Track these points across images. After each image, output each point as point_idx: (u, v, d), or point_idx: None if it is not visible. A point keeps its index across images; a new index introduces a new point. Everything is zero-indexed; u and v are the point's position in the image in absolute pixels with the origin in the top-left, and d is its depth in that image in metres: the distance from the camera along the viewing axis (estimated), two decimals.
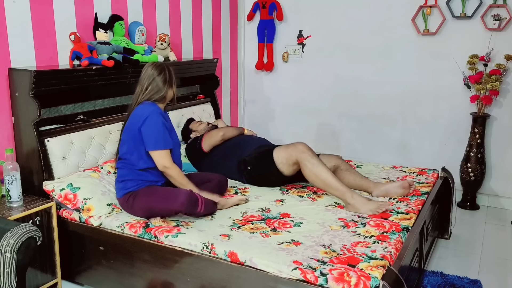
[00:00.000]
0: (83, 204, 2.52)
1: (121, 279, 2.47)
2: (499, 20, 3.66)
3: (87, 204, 2.52)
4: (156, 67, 2.63)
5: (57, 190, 2.54)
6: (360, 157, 4.23)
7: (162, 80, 2.61)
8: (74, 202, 2.52)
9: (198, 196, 2.44)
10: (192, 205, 2.40)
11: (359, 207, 2.52)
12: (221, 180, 2.82)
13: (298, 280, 1.92)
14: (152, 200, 2.46)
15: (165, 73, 2.63)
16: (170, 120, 2.75)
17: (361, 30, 4.25)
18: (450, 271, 2.81)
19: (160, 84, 2.60)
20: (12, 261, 1.83)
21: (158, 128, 2.53)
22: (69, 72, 2.69)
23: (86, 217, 2.51)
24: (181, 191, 2.44)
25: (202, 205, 2.43)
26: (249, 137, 3.32)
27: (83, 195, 2.53)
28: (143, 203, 2.47)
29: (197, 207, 2.41)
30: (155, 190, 2.52)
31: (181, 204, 2.38)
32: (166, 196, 2.45)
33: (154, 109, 2.56)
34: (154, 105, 2.59)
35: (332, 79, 4.47)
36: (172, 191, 2.48)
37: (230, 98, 4.79)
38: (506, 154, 3.89)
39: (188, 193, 2.41)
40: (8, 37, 2.56)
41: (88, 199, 2.53)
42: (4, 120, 2.59)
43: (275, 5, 4.51)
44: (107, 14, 3.13)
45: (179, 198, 2.39)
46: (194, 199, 2.41)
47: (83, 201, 2.52)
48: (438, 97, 4.04)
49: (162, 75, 2.61)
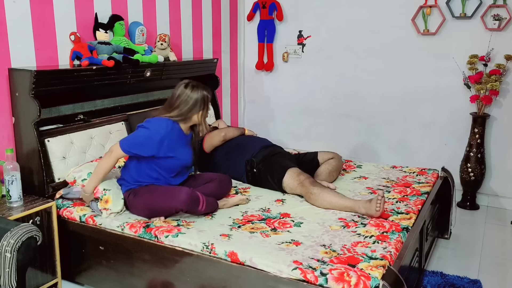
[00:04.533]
0: (102, 194, 2.50)
1: (121, 279, 2.47)
2: (499, 20, 3.66)
3: (106, 195, 2.49)
4: (191, 87, 2.55)
5: (79, 181, 2.56)
6: (360, 157, 4.23)
7: (193, 99, 2.52)
8: (95, 191, 2.51)
9: (199, 195, 2.43)
10: (193, 204, 2.39)
11: (371, 213, 2.49)
12: (223, 180, 2.78)
13: (298, 280, 1.93)
14: (152, 197, 2.45)
15: (199, 92, 2.53)
16: (180, 139, 2.58)
17: (361, 30, 4.25)
18: (450, 271, 2.82)
19: (190, 102, 2.51)
20: (12, 261, 1.84)
21: (139, 136, 2.46)
22: (69, 72, 2.69)
23: (102, 208, 2.48)
24: (183, 189, 2.43)
25: (204, 203, 2.43)
26: (251, 138, 3.33)
27: (103, 186, 2.52)
28: (143, 201, 2.47)
29: (198, 206, 2.41)
30: (155, 188, 2.51)
31: (183, 202, 2.37)
32: (166, 194, 2.44)
33: (157, 126, 2.46)
34: (162, 121, 2.49)
35: (332, 79, 4.47)
36: (172, 189, 2.47)
37: (230, 98, 4.79)
38: (506, 154, 3.89)
39: (190, 192, 2.40)
40: (8, 37, 2.56)
41: (108, 190, 2.51)
42: (4, 120, 2.59)
43: (275, 5, 4.51)
44: (107, 14, 3.13)
45: (181, 196, 2.38)
46: (196, 198, 2.40)
47: (103, 191, 2.50)
48: (438, 97, 4.04)
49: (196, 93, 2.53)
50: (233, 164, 3.11)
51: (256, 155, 3.07)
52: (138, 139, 2.47)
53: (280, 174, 2.86)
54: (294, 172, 2.83)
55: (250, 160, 3.04)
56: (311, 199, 2.67)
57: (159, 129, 2.46)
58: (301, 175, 2.80)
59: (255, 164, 3.00)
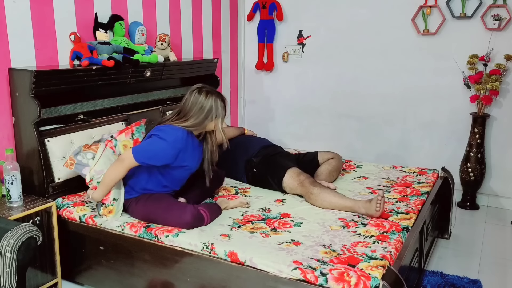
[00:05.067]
0: (109, 203, 2.44)
1: (121, 279, 2.47)
2: (499, 20, 3.66)
3: (112, 206, 2.45)
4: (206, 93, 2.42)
5: (95, 182, 2.46)
6: (360, 157, 4.23)
7: (208, 107, 2.39)
8: (105, 197, 2.43)
9: (203, 212, 2.36)
10: (198, 222, 2.34)
11: (371, 213, 2.49)
12: (216, 171, 2.70)
13: (298, 280, 1.93)
14: (156, 211, 2.39)
15: (214, 99, 2.41)
16: (193, 147, 2.49)
17: (361, 30, 4.25)
18: (450, 271, 2.82)
19: (205, 110, 2.39)
20: (12, 261, 1.84)
21: (155, 147, 2.35)
22: (69, 72, 2.69)
23: (103, 214, 2.46)
24: (188, 208, 2.35)
25: (208, 219, 2.38)
26: (251, 138, 3.33)
27: (113, 195, 2.44)
28: (146, 211, 2.41)
29: (203, 222, 2.36)
30: (158, 199, 2.44)
31: (188, 224, 2.30)
32: (171, 211, 2.36)
33: (174, 138, 2.33)
34: (179, 132, 2.36)
35: (332, 79, 4.47)
36: (177, 205, 2.40)
37: (230, 98, 4.79)
38: (506, 154, 3.89)
39: (194, 212, 2.33)
40: (8, 37, 2.56)
41: (115, 201, 2.46)
42: (4, 120, 2.59)
43: (275, 5, 4.51)
44: (107, 14, 3.13)
45: (186, 217, 2.30)
46: (200, 217, 2.34)
47: (112, 200, 2.44)
48: (438, 97, 4.04)
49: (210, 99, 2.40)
50: (233, 164, 3.12)
51: (256, 155, 3.07)
52: (154, 151, 2.35)
53: (280, 174, 2.86)
54: (294, 172, 2.83)
55: (250, 160, 3.04)
56: (311, 199, 2.67)
57: (176, 143, 2.35)
58: (301, 175, 2.80)
59: (255, 164, 3.01)
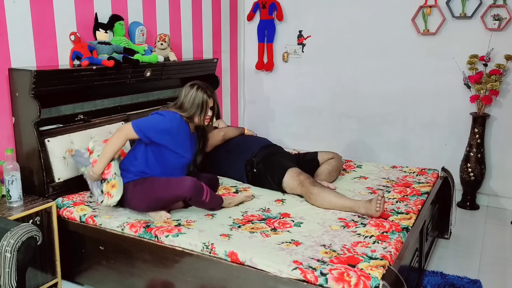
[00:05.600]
0: (112, 177, 2.49)
1: (121, 279, 2.47)
2: (499, 20, 3.66)
3: (115, 180, 2.49)
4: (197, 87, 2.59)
5: (95, 154, 2.53)
6: (360, 157, 4.23)
7: (197, 101, 2.56)
8: (106, 171, 2.50)
9: (203, 184, 2.46)
10: (198, 192, 2.41)
11: (371, 213, 2.49)
12: (211, 179, 2.81)
13: (298, 280, 1.93)
14: (154, 188, 2.45)
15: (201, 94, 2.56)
16: (187, 136, 2.61)
17: (361, 30, 4.25)
18: (450, 271, 2.82)
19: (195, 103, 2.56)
20: (12, 261, 1.84)
21: (153, 119, 2.53)
22: (69, 72, 2.69)
23: (106, 191, 2.48)
24: (187, 177, 2.45)
25: (208, 193, 2.45)
26: (251, 137, 3.33)
27: (114, 170, 2.51)
28: (145, 191, 2.45)
29: (202, 195, 2.43)
30: (157, 179, 2.51)
31: (188, 189, 2.38)
32: (170, 183, 2.45)
33: (172, 116, 2.52)
34: (176, 114, 2.55)
35: (332, 79, 4.47)
36: (176, 179, 2.48)
37: (230, 98, 4.79)
38: (506, 154, 3.89)
39: (194, 180, 2.43)
40: (8, 37, 2.56)
41: (117, 176, 2.51)
42: (4, 120, 2.59)
43: (275, 5, 4.51)
44: (107, 14, 3.13)
45: (186, 183, 2.40)
46: (200, 186, 2.43)
47: (114, 174, 2.49)
48: (438, 97, 4.04)
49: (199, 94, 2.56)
50: (233, 164, 3.12)
51: (256, 155, 3.07)
52: (152, 122, 2.51)
53: (280, 174, 2.86)
54: (294, 172, 2.83)
55: (250, 160, 3.04)
56: (311, 199, 2.67)
57: (173, 120, 2.52)
58: (301, 175, 2.80)
59: (255, 164, 3.01)
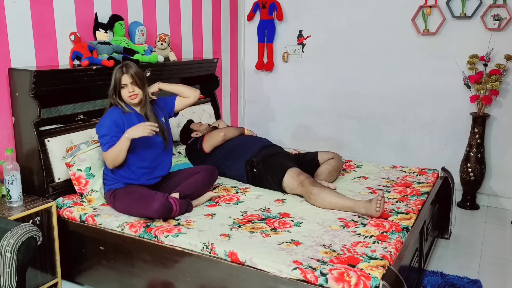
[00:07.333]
0: (87, 193, 2.64)
1: (121, 279, 2.47)
2: (499, 20, 3.66)
3: (91, 195, 2.65)
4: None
5: (75, 168, 2.63)
6: (360, 157, 4.23)
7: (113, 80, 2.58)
8: (83, 187, 2.65)
9: (172, 202, 2.46)
10: (166, 211, 2.43)
11: (371, 213, 2.49)
12: (208, 169, 2.81)
13: (298, 280, 1.93)
14: (129, 203, 2.51)
15: (115, 72, 2.57)
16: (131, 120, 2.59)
17: (361, 30, 4.25)
18: (450, 271, 2.82)
19: (111, 83, 2.59)
20: (12, 261, 1.84)
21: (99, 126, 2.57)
22: (69, 72, 2.69)
23: (84, 203, 2.64)
24: (157, 197, 2.44)
25: (177, 210, 2.47)
26: (251, 137, 3.33)
27: (92, 186, 2.64)
28: (122, 205, 2.54)
29: (171, 213, 2.45)
30: (132, 191, 2.55)
31: (155, 211, 2.41)
32: (141, 201, 2.47)
33: (108, 112, 2.59)
34: (113, 109, 2.59)
35: (332, 79, 4.47)
36: (147, 196, 2.49)
37: (230, 98, 4.79)
38: (506, 154, 3.89)
39: (163, 200, 2.43)
40: (8, 37, 2.56)
41: (94, 192, 2.64)
42: (4, 120, 2.59)
43: (275, 5, 4.51)
44: (107, 14, 3.13)
45: (154, 205, 2.41)
46: (168, 206, 2.43)
47: (90, 191, 2.64)
48: (438, 97, 4.04)
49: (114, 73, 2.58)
50: (233, 164, 3.12)
51: (256, 155, 3.07)
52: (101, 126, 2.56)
53: (280, 174, 2.86)
54: (294, 172, 2.83)
55: (250, 160, 3.04)
56: (311, 199, 2.67)
57: (111, 115, 2.57)
58: (301, 175, 2.80)
59: (255, 164, 3.00)
